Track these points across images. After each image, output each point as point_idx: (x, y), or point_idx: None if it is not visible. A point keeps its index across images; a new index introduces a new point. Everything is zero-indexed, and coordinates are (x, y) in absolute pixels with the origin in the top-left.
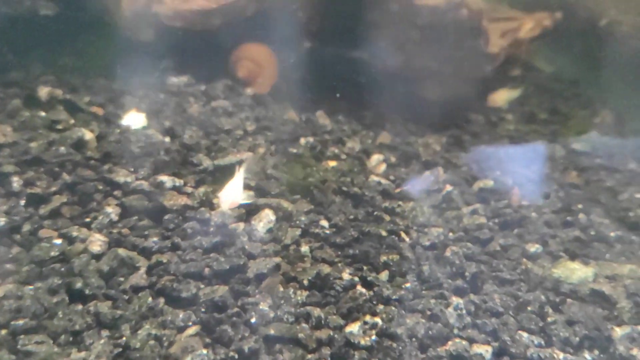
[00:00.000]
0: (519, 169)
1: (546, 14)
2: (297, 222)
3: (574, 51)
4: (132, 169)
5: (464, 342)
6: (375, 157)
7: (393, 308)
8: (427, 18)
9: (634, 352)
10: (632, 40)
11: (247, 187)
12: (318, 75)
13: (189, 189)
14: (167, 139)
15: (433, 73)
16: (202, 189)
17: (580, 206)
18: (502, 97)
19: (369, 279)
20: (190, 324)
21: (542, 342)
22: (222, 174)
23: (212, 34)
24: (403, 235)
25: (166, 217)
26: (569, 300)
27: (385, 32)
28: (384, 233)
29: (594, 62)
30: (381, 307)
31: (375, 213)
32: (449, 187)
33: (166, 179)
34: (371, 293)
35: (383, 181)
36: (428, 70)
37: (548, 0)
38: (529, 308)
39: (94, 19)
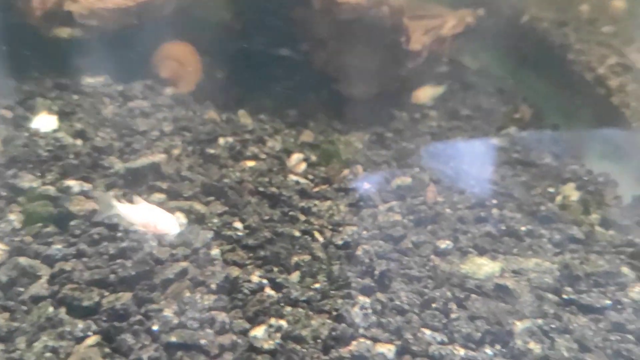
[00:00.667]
0: (437, 165)
1: (469, 11)
2: (210, 224)
3: (498, 48)
4: (39, 174)
5: (367, 342)
6: (295, 156)
7: (300, 310)
8: (349, 15)
9: (531, 345)
10: (551, 37)
11: (159, 190)
12: (242, 74)
13: (97, 194)
14: (78, 142)
15: (357, 70)
16: (111, 193)
17: (494, 201)
18: (426, 94)
19: (278, 280)
20: (90, 333)
21: (445, 339)
22: (134, 177)
23: (131, 33)
24: (317, 235)
25: (72, 223)
26: (473, 295)
27: (308, 29)
28: (297, 233)
29: (517, 58)
30: (289, 309)
31: (290, 213)
32: (366, 185)
33: (74, 184)
34: (279, 295)
35: (302, 180)
36: (351, 67)
37: None
38: (433, 305)
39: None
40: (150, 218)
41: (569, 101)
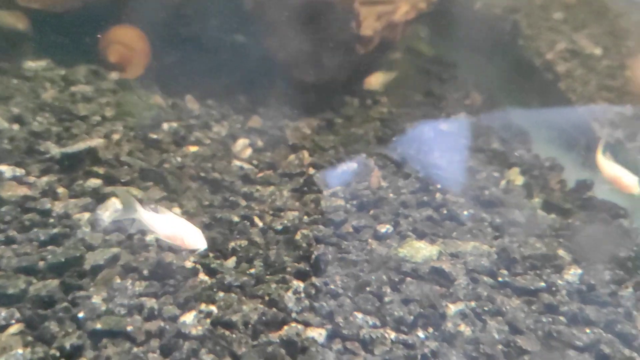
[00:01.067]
0: (384, 151)
1: None
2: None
3: (452, 34)
4: None
5: (299, 327)
6: (241, 142)
7: (233, 295)
8: (301, 0)
9: (461, 328)
10: (503, 23)
11: (96, 175)
12: (193, 60)
13: (31, 179)
14: (15, 127)
15: (308, 56)
16: (45, 179)
17: (438, 186)
18: (378, 80)
19: (212, 266)
20: (12, 322)
21: (377, 323)
22: (70, 162)
23: (75, 17)
24: (256, 220)
25: (2, 209)
26: (408, 279)
27: (259, 15)
28: (236, 219)
29: (470, 44)
30: (221, 294)
31: (231, 199)
32: (312, 170)
33: (6, 169)
34: (213, 280)
35: (245, 166)
36: (303, 53)
37: None
38: (368, 289)
39: None
40: (177, 231)
41: (519, 87)
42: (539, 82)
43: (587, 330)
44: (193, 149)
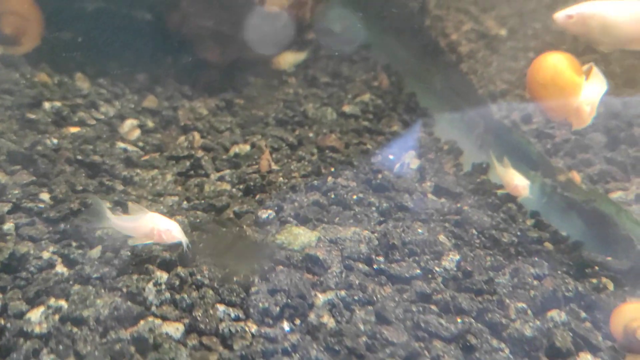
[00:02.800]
0: (281, 133)
1: None
2: (9, 196)
3: (365, 13)
4: None
5: (156, 321)
6: (129, 122)
7: (90, 288)
8: None
9: (325, 319)
10: (412, 2)
11: None
12: (91, 36)
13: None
14: None
15: (212, 33)
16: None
17: (332, 169)
18: (287, 59)
19: (73, 256)
20: None
21: (240, 315)
22: None
23: None
24: (130, 204)
25: None
26: (280, 267)
27: None
28: (108, 204)
29: (382, 24)
30: (77, 287)
31: (108, 183)
32: (200, 153)
33: None
34: (71, 272)
35: (130, 148)
36: (206, 29)
37: None
38: (235, 279)
39: None
40: (153, 229)
41: (426, 68)
42: (443, 64)
43: (458, 320)
44: (74, 130)
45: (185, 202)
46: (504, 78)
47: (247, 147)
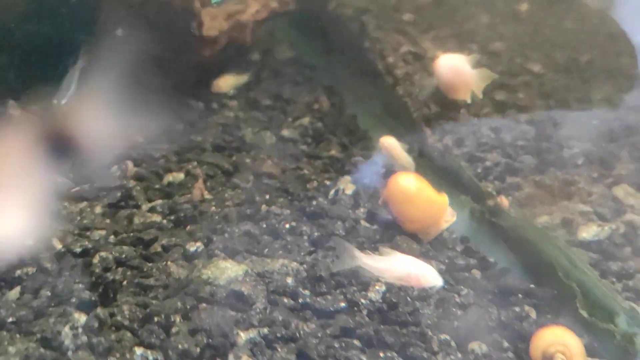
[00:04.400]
0: (218, 159)
1: None
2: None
3: (310, 35)
4: None
5: None
6: None
7: (5, 333)
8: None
9: (244, 359)
10: (353, 24)
11: None
12: (27, 61)
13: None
14: None
15: (151, 57)
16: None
17: (267, 197)
18: (228, 82)
19: None
20: None
21: (159, 357)
22: None
23: None
24: (55, 242)
25: None
26: (203, 305)
27: (98, 13)
28: (30, 242)
29: (326, 46)
30: None
31: None
32: (132, 183)
33: None
34: None
35: (60, 180)
36: (145, 54)
37: None
38: (156, 319)
39: None
40: (409, 271)
41: (365, 91)
42: (381, 86)
43: (381, 355)
44: None
45: (112, 236)
46: (438, 101)
47: (182, 175)
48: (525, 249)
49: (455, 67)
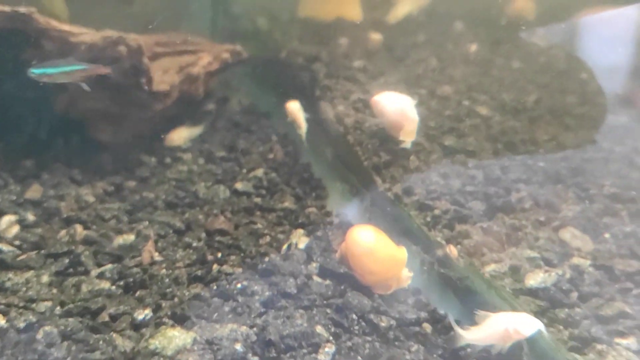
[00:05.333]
0: (169, 218)
1: (226, 47)
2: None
3: (267, 83)
4: None
5: None
6: (7, 219)
7: None
8: (85, 55)
9: None
10: (304, 72)
11: None
12: None
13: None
14: None
15: (102, 114)
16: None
17: (218, 255)
18: (181, 135)
19: None
20: None
21: None
22: None
23: None
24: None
25: None
26: None
27: None
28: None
29: (279, 94)
30: None
31: None
32: (81, 248)
33: None
34: None
35: (6, 248)
36: (95, 111)
37: (244, 29)
38: None
39: None
40: (507, 326)
41: (318, 140)
42: (333, 134)
43: None
44: None
45: (58, 307)
46: (387, 149)
47: (132, 237)
48: (472, 300)
49: (397, 108)
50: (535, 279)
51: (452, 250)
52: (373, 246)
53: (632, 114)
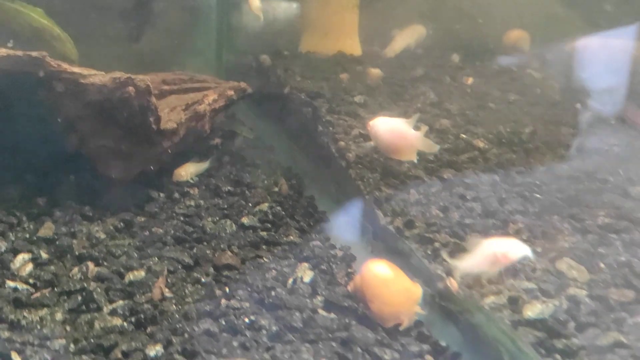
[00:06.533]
0: (178, 254)
1: (232, 84)
2: None
3: (270, 119)
4: None
5: None
6: (21, 257)
7: None
8: (95, 97)
9: None
10: (306, 108)
11: None
12: None
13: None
14: None
15: (112, 151)
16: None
17: (226, 290)
18: (189, 171)
19: None
20: None
21: None
22: None
23: None
24: (14, 355)
25: None
26: None
27: (57, 112)
28: None
29: (284, 130)
30: None
31: None
32: (93, 285)
33: None
34: None
35: (21, 286)
36: (105, 148)
37: (248, 65)
38: None
39: None
40: (495, 250)
41: (321, 174)
42: (335, 169)
43: None
44: None
45: (72, 345)
46: (388, 183)
47: (143, 273)
48: (472, 332)
49: (393, 128)
50: (533, 310)
51: (453, 283)
52: (390, 278)
53: (624, 140)
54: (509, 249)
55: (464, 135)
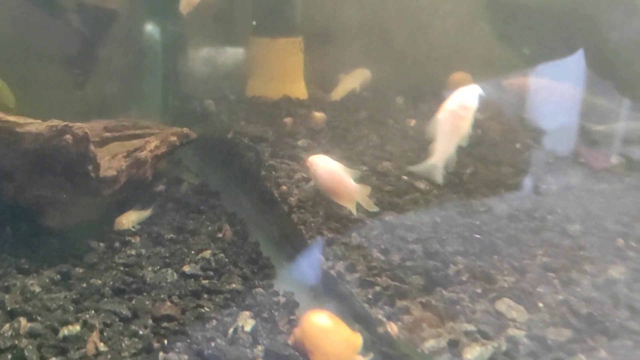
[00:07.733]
0: (115, 306)
1: (175, 130)
2: None
3: (216, 162)
4: None
5: None
6: None
7: None
8: (32, 145)
9: None
10: (249, 152)
11: None
12: None
13: None
14: None
15: (50, 201)
16: None
17: (165, 342)
18: (130, 219)
19: None
20: None
21: None
22: None
23: None
24: None
25: None
26: None
27: None
28: None
29: (229, 175)
30: None
31: None
32: (24, 342)
33: None
34: None
35: None
36: (43, 198)
37: (194, 110)
38: None
39: None
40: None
41: (265, 218)
42: (278, 213)
43: None
44: None
45: None
46: (331, 227)
47: (78, 327)
48: None
49: (332, 171)
50: (472, 353)
51: (393, 328)
52: (329, 329)
53: (562, 179)
54: (462, 100)
55: (405, 177)
